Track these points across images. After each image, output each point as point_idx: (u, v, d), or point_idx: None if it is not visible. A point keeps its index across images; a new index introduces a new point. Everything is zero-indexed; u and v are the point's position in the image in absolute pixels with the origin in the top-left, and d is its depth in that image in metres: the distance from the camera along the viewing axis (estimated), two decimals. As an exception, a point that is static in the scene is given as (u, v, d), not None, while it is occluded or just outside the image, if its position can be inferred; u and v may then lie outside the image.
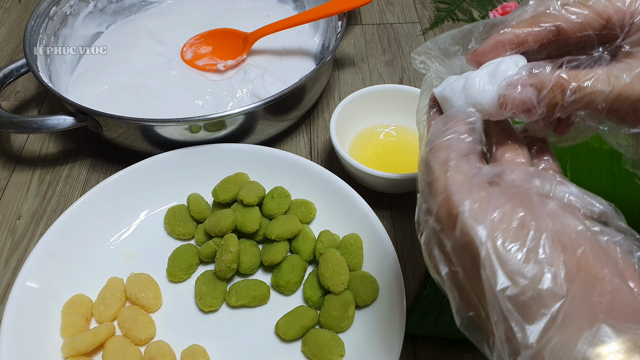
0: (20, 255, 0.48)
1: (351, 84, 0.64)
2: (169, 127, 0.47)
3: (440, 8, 0.74)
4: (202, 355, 0.39)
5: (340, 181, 0.46)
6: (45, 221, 0.50)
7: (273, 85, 0.56)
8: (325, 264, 0.41)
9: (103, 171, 0.54)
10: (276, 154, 0.48)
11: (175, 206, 0.47)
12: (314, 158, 0.55)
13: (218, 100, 0.55)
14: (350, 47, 0.68)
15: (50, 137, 0.58)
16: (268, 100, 0.47)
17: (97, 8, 0.64)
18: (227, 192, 0.46)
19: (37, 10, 0.56)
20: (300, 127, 0.58)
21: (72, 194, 0.53)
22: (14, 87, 0.63)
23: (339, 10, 0.55)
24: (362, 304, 0.41)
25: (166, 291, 0.43)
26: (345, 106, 0.51)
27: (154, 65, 0.59)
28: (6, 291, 0.45)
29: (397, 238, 0.48)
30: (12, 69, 0.53)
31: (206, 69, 0.59)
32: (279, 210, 0.45)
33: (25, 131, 0.50)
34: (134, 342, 0.40)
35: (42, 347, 0.38)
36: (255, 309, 0.42)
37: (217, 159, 0.49)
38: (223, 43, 0.61)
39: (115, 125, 0.49)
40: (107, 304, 0.41)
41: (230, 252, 0.41)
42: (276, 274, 0.43)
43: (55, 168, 0.55)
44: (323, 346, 0.38)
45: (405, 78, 0.64)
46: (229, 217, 0.43)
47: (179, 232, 0.46)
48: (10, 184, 0.53)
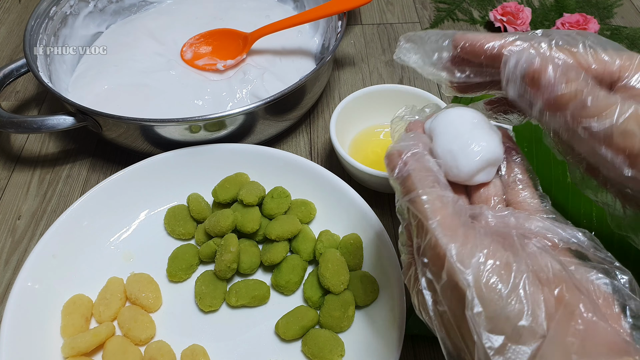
0: (20, 255, 0.48)
1: (351, 84, 0.64)
2: (169, 127, 0.47)
3: (440, 8, 0.74)
4: (202, 355, 0.39)
5: (340, 181, 0.46)
6: (45, 221, 0.50)
7: (273, 85, 0.56)
8: (325, 264, 0.41)
9: (103, 171, 0.54)
10: (276, 154, 0.48)
11: (175, 206, 0.47)
12: (314, 158, 0.55)
13: (217, 100, 0.55)
14: (350, 47, 0.68)
15: (50, 137, 0.58)
16: (268, 100, 0.47)
17: (97, 8, 0.64)
18: (227, 192, 0.46)
19: (37, 10, 0.56)
20: (300, 127, 0.58)
21: (72, 194, 0.53)
22: (14, 87, 0.63)
23: (339, 10, 0.55)
24: (362, 304, 0.41)
25: (166, 291, 0.43)
26: (345, 106, 0.51)
27: (154, 65, 0.59)
28: (6, 291, 0.45)
29: (397, 238, 0.48)
30: (12, 69, 0.53)
31: (206, 69, 0.59)
32: (279, 210, 0.45)
33: (25, 131, 0.50)
34: (134, 342, 0.39)
35: (42, 347, 0.38)
36: (255, 309, 0.42)
37: (217, 159, 0.49)
38: (223, 43, 0.61)
39: (115, 125, 0.49)
40: (107, 304, 0.41)
41: (230, 252, 0.41)
42: (276, 274, 0.43)
43: (55, 168, 0.55)
44: (323, 346, 0.38)
45: (405, 78, 0.64)
46: (229, 217, 0.43)
47: (179, 232, 0.46)
48: (10, 184, 0.53)
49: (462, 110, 0.29)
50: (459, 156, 0.28)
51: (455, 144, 0.28)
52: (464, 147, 0.28)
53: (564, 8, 0.73)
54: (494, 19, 0.70)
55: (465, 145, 0.28)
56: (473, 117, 0.29)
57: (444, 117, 0.29)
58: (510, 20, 0.68)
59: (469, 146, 0.28)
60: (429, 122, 0.30)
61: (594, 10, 0.73)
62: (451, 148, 0.28)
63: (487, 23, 0.72)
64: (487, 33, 0.28)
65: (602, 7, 0.74)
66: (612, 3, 0.75)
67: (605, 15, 0.73)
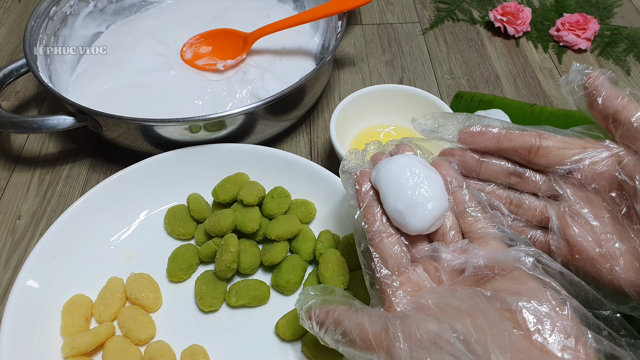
0: (20, 255, 0.48)
1: (351, 84, 0.64)
2: (169, 127, 0.47)
3: (440, 8, 0.74)
4: (202, 355, 0.39)
5: (340, 181, 0.46)
6: (45, 221, 0.50)
7: (273, 85, 0.56)
8: (325, 264, 0.41)
9: (103, 171, 0.54)
10: (276, 154, 0.48)
11: (175, 206, 0.47)
12: (314, 158, 0.55)
13: (217, 100, 0.55)
14: (350, 47, 0.68)
15: (50, 137, 0.58)
16: (268, 100, 0.47)
17: (97, 8, 0.64)
18: (227, 192, 0.46)
19: (37, 10, 0.56)
20: (300, 127, 0.58)
21: (72, 194, 0.53)
22: (14, 87, 0.63)
23: (339, 10, 0.55)
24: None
25: (166, 291, 0.43)
26: (345, 106, 0.51)
27: (154, 65, 0.59)
28: (6, 291, 0.45)
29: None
30: (12, 69, 0.53)
31: (206, 69, 0.59)
32: (279, 210, 0.45)
33: (25, 131, 0.50)
34: (134, 342, 0.39)
35: (42, 347, 0.38)
36: (255, 309, 0.42)
37: (217, 159, 0.49)
38: (223, 43, 0.61)
39: (115, 125, 0.49)
40: (107, 304, 0.41)
41: (230, 252, 0.41)
42: (276, 274, 0.43)
43: (55, 168, 0.55)
44: (323, 346, 0.38)
45: (405, 78, 0.64)
46: (229, 217, 0.43)
47: (179, 232, 0.46)
48: (10, 184, 0.53)
49: (402, 161, 0.30)
50: (407, 217, 0.29)
51: (401, 202, 0.29)
52: (410, 208, 0.29)
53: (564, 8, 0.73)
54: (494, 19, 0.70)
55: (410, 205, 0.29)
56: (414, 167, 0.30)
57: (385, 173, 0.30)
58: (510, 20, 0.68)
59: (415, 208, 0.29)
60: (374, 174, 0.31)
61: (594, 10, 0.73)
62: (397, 207, 0.29)
63: (487, 23, 0.72)
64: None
65: (602, 7, 0.74)
66: (612, 3, 0.75)
67: (605, 15, 0.73)
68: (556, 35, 0.68)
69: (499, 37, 0.70)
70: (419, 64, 0.66)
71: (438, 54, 0.67)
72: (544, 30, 0.70)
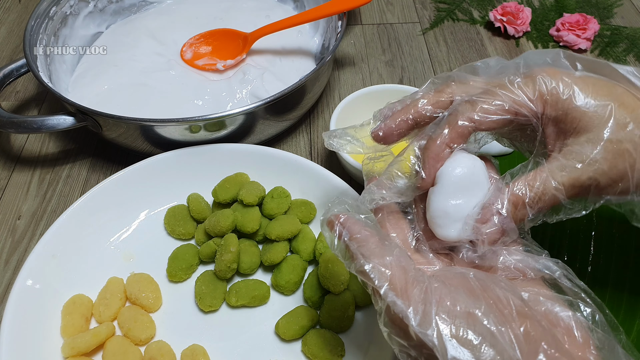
0: (20, 255, 0.48)
1: (351, 84, 0.64)
2: (169, 127, 0.47)
3: (440, 8, 0.74)
4: (202, 355, 0.39)
5: (341, 181, 0.46)
6: (45, 221, 0.50)
7: (273, 85, 0.56)
8: (325, 264, 0.41)
9: (103, 171, 0.54)
10: (276, 154, 0.48)
11: (175, 206, 0.47)
12: (314, 158, 0.55)
13: (217, 100, 0.55)
14: (350, 47, 0.68)
15: (50, 137, 0.58)
16: (268, 100, 0.47)
17: (97, 8, 0.64)
18: (227, 192, 0.46)
19: (37, 10, 0.56)
20: (300, 127, 0.58)
21: (72, 194, 0.53)
22: (14, 87, 0.63)
23: (339, 10, 0.55)
24: (362, 304, 0.41)
25: (166, 291, 0.43)
26: (345, 106, 0.51)
27: (154, 65, 0.59)
28: (6, 291, 0.45)
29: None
30: (12, 69, 0.53)
31: (206, 69, 0.59)
32: (279, 210, 0.45)
33: (25, 131, 0.50)
34: (134, 342, 0.39)
35: (42, 347, 0.38)
36: (255, 309, 0.42)
37: (217, 159, 0.49)
38: (222, 43, 0.61)
39: (115, 125, 0.49)
40: (107, 304, 0.41)
41: (230, 252, 0.41)
42: (276, 274, 0.43)
43: (55, 168, 0.55)
44: (323, 346, 0.38)
45: (405, 78, 0.64)
46: (229, 217, 0.43)
47: (179, 232, 0.46)
48: (10, 184, 0.53)
49: (466, 162, 0.29)
50: (451, 224, 0.28)
51: (451, 206, 0.28)
52: (458, 217, 0.28)
53: (564, 8, 0.73)
54: (494, 19, 0.70)
55: (459, 215, 0.28)
56: (473, 172, 0.29)
57: (448, 167, 0.29)
58: (510, 20, 0.68)
59: (463, 219, 0.28)
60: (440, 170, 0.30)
61: (594, 10, 0.73)
62: (447, 210, 0.28)
63: (487, 23, 0.72)
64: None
65: (602, 7, 0.74)
66: (612, 3, 0.75)
67: (605, 15, 0.73)
68: (556, 35, 0.68)
69: (499, 37, 0.70)
70: (419, 64, 0.66)
71: (438, 54, 0.67)
72: (544, 30, 0.70)
